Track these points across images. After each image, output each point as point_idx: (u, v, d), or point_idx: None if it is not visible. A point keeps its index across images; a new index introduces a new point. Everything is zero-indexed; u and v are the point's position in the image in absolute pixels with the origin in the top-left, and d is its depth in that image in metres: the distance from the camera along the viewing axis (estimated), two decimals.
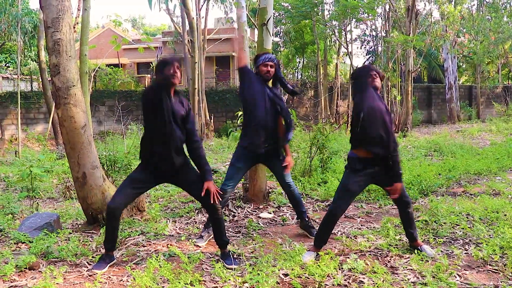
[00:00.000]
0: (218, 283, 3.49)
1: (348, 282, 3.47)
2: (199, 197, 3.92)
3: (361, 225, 5.10)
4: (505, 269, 3.63)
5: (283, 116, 4.54)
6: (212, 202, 3.85)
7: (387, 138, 3.75)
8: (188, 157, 3.95)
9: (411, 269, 3.68)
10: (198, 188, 3.88)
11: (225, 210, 5.63)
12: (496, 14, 24.46)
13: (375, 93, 3.83)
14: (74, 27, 5.28)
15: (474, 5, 26.34)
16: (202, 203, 4.05)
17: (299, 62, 28.33)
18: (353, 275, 3.59)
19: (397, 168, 3.85)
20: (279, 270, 3.67)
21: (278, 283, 3.47)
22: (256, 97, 4.46)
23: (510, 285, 3.36)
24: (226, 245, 4.01)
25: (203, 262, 3.96)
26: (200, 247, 4.41)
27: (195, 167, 3.98)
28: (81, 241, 4.56)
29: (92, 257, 4.11)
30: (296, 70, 29.46)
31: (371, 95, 3.80)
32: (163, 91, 3.70)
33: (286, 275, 3.62)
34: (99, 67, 18.12)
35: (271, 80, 4.63)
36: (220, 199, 3.96)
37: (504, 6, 25.83)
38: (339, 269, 3.70)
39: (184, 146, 3.91)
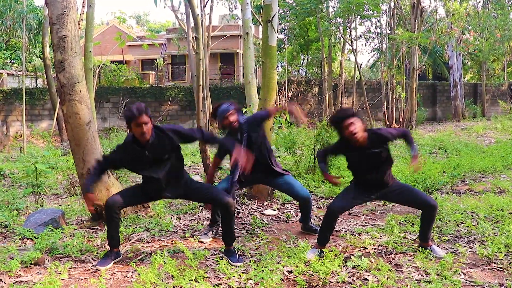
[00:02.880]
0: (222, 280, 3.49)
1: (353, 280, 3.47)
2: (210, 200, 4.02)
3: (366, 223, 5.10)
4: (510, 267, 3.62)
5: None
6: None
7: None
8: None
9: (416, 267, 3.68)
10: (205, 194, 3.99)
11: None
12: (502, 11, 24.28)
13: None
14: (78, 24, 5.28)
15: (480, 2, 26.18)
16: (215, 204, 4.09)
17: (304, 59, 28.30)
18: (358, 272, 3.59)
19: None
20: (283, 267, 3.67)
21: (282, 280, 3.47)
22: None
23: None
24: (232, 242, 4.01)
25: (208, 259, 3.97)
26: (204, 243, 4.42)
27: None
28: (85, 237, 4.58)
29: (97, 253, 4.13)
30: (301, 67, 29.42)
31: None
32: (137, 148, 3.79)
33: (290, 272, 3.62)
34: (103, 64, 18.17)
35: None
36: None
37: (510, 3, 25.65)
38: (344, 266, 3.69)
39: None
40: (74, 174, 7.24)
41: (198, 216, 5.42)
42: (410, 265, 3.72)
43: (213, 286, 3.38)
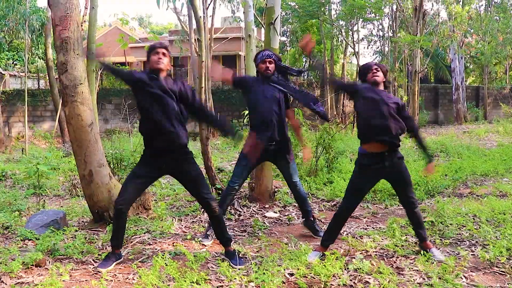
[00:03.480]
0: (223, 282, 3.49)
1: (354, 283, 3.46)
2: (196, 194, 3.95)
3: (367, 226, 5.09)
4: None
5: (299, 100, 4.55)
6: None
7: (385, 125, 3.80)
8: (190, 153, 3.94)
9: (417, 270, 3.67)
10: (196, 186, 3.90)
11: (230, 209, 5.63)
12: (505, 15, 24.26)
13: (369, 86, 3.95)
14: (81, 25, 5.29)
15: (482, 5, 26.19)
16: (198, 201, 4.02)
17: (306, 61, 28.27)
18: (359, 275, 3.58)
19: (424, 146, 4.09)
20: (284, 269, 3.67)
21: (284, 283, 3.47)
22: (258, 97, 4.47)
23: None
24: (229, 243, 4.00)
25: (209, 261, 3.97)
26: (205, 245, 4.41)
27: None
28: (87, 239, 4.58)
29: (98, 254, 4.13)
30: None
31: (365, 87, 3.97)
32: (151, 75, 3.82)
33: (291, 274, 3.62)
34: None
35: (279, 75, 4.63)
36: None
37: None
38: (345, 269, 3.69)
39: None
40: (76, 176, 7.24)
41: (199, 218, 5.41)
42: (412, 268, 3.72)
43: None
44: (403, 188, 3.99)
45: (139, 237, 4.64)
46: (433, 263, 3.78)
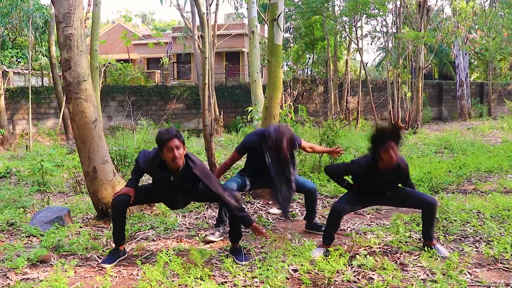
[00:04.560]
0: (227, 278, 3.50)
1: (358, 279, 3.46)
2: (213, 199, 4.00)
3: (371, 222, 5.09)
4: None
5: None
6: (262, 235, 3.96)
7: None
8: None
9: (421, 266, 3.67)
10: (212, 198, 3.96)
11: None
12: (510, 10, 24.08)
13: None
14: (85, 22, 5.32)
15: (486, 1, 26.03)
16: (219, 203, 4.06)
17: (309, 58, 28.22)
18: (363, 271, 3.59)
19: None
20: (288, 265, 3.67)
21: (288, 279, 3.47)
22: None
23: None
24: (239, 240, 4.01)
25: (213, 257, 3.97)
26: (212, 242, 4.40)
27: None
28: (91, 235, 4.60)
29: (103, 251, 4.15)
30: (306, 66, 29.36)
31: None
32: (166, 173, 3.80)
33: (295, 270, 3.62)
34: (109, 62, 18.21)
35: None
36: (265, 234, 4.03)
37: None
38: (349, 265, 3.69)
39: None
40: (80, 172, 7.26)
41: (203, 214, 5.42)
42: (416, 265, 3.72)
43: (218, 284, 3.38)
44: (410, 200, 4.07)
45: (143, 233, 4.65)
46: (437, 259, 3.77)
